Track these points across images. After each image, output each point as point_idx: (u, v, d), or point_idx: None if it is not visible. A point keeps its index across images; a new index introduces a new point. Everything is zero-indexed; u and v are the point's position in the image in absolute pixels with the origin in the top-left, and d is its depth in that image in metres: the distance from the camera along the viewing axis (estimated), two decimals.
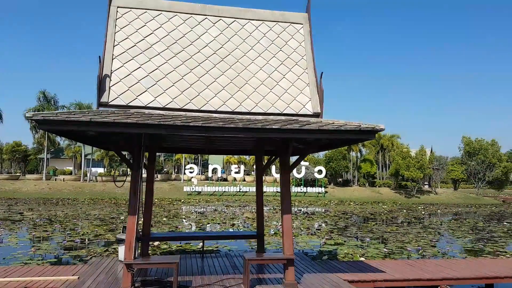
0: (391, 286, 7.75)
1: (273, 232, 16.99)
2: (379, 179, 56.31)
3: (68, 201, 36.04)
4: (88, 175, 49.60)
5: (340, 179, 54.38)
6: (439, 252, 13.49)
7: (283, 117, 6.80)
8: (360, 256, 11.91)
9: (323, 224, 21.03)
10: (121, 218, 21.66)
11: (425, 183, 57.26)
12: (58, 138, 63.14)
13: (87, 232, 16.11)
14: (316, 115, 7.00)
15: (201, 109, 6.77)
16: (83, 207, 29.77)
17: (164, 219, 21.30)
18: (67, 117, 5.48)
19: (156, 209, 28.40)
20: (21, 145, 61.15)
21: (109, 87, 6.68)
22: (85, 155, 54.22)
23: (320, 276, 7.63)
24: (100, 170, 58.26)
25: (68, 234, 15.63)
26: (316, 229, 18.54)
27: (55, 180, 49.10)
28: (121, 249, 8.84)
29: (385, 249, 13.18)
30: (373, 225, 21.28)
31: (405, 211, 32.86)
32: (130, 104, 6.62)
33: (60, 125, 5.49)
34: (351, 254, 12.35)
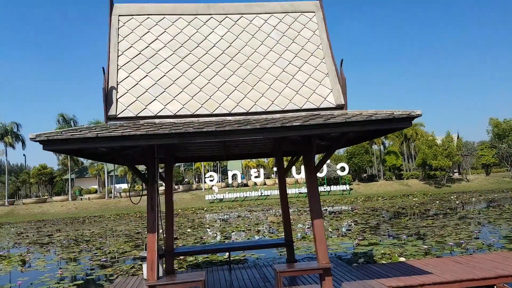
0: None
1: (300, 236, 16.33)
2: (406, 171, 54.55)
3: (95, 218, 36.38)
4: (112, 191, 50.19)
5: (365, 175, 53.00)
6: (483, 244, 12.51)
7: (303, 113, 6.23)
8: (399, 256, 11.11)
9: (353, 224, 20.19)
10: (146, 232, 21.48)
11: (455, 171, 55.14)
12: (81, 158, 64.56)
13: (113, 250, 15.89)
14: (340, 107, 6.40)
15: (214, 113, 6.28)
16: (109, 223, 29.88)
17: (189, 230, 20.96)
18: (72, 134, 5.09)
19: (180, 219, 28.19)
20: (47, 168, 62.65)
21: (116, 99, 6.29)
22: (108, 172, 55.01)
23: (361, 284, 6.97)
24: (124, 185, 59.01)
25: (94, 253, 15.45)
26: (347, 230, 17.75)
27: (81, 199, 49.94)
28: (145, 267, 8.43)
29: (424, 246, 12.31)
30: (407, 220, 20.27)
31: (437, 202, 31.47)
32: (139, 115, 6.20)
33: (66, 144, 5.11)
34: (389, 254, 11.56)
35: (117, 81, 6.44)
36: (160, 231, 6.68)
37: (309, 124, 5.28)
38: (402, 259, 10.43)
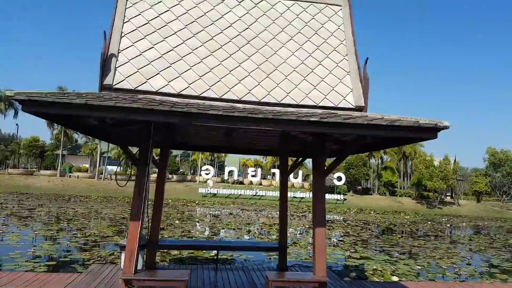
0: None
1: (291, 242, 15.76)
2: (400, 188, 54.22)
3: (81, 198, 35.60)
4: (103, 173, 49.32)
5: (360, 187, 52.58)
6: (475, 271, 12.05)
7: (319, 110, 5.64)
8: (391, 274, 10.59)
9: (338, 236, 19.67)
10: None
11: (447, 194, 54.89)
12: (75, 135, 63.55)
13: (94, 233, 15.24)
14: (359, 108, 5.82)
15: (222, 97, 5.68)
16: (95, 205, 29.16)
17: (177, 221, 20.32)
18: (58, 98, 4.46)
19: (170, 210, 27.54)
20: (39, 141, 61.55)
21: (115, 67, 5.66)
22: (102, 153, 54.12)
23: None
24: (115, 168, 58.08)
25: (74, 234, 14.79)
26: (338, 240, 17.22)
27: (69, 176, 49.02)
28: (123, 257, 7.81)
29: (417, 266, 11.79)
30: (399, 238, 19.79)
31: (429, 222, 31.06)
32: (138, 88, 5.58)
33: (50, 108, 4.46)
34: (381, 271, 11.04)
35: (119, 49, 5.82)
36: (146, 219, 6.07)
37: (328, 122, 4.69)
38: (395, 278, 9.91)
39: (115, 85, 5.58)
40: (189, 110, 4.57)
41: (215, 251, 8.72)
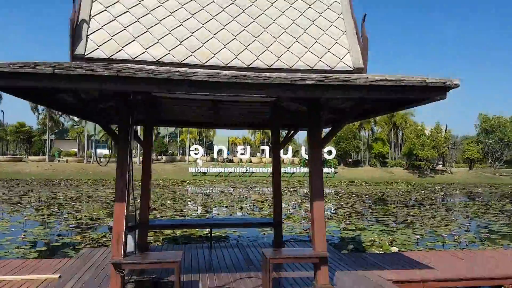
0: (444, 286, 6.29)
1: (284, 217, 15.58)
2: (391, 159, 54.56)
3: (71, 182, 35.02)
4: (92, 156, 48.56)
5: (350, 160, 52.76)
6: (475, 237, 12.02)
7: (313, 74, 5.17)
8: (389, 245, 10.46)
9: (332, 208, 19.60)
10: None
11: (439, 162, 55.46)
12: (61, 119, 62.19)
13: (85, 216, 14.85)
14: (358, 71, 5.37)
15: (206, 63, 5.17)
16: (85, 188, 28.68)
17: (169, 202, 20.00)
18: (21, 67, 3.94)
19: (160, 190, 27.21)
20: (25, 126, 60.13)
21: (87, 35, 5.09)
22: (90, 136, 53.14)
23: (356, 275, 6.17)
24: (105, 151, 57.29)
25: (64, 218, 14.40)
26: (332, 213, 17.11)
27: (58, 161, 48.20)
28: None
29: (416, 236, 11.69)
30: (393, 207, 19.81)
31: (422, 191, 31.32)
32: (113, 57, 5.03)
33: (13, 80, 3.95)
34: (379, 242, 10.91)
35: (90, 14, 5.22)
36: (132, 200, 5.66)
37: (325, 85, 4.25)
38: (394, 248, 9.77)
39: (87, 54, 5.02)
40: (170, 77, 4.09)
41: (209, 229, 8.40)
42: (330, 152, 45.36)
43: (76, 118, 54.27)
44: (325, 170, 45.02)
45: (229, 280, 5.80)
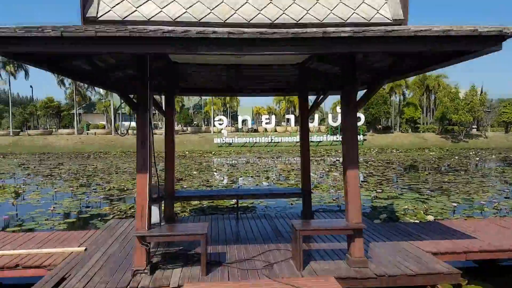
0: (488, 258, 5.83)
1: (312, 186, 15.23)
2: (423, 124, 52.53)
3: (100, 154, 35.95)
4: (120, 128, 49.51)
5: (380, 126, 51.19)
6: None
7: (347, 28, 4.60)
8: (424, 213, 9.97)
9: (361, 176, 19.04)
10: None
11: (473, 126, 52.94)
12: (88, 93, 63.38)
13: (114, 187, 15.09)
14: (397, 22, 4.73)
15: (227, 21, 4.69)
16: (114, 160, 29.35)
17: (195, 172, 20.06)
18: (28, 31, 3.62)
19: (187, 161, 27.42)
20: (54, 101, 61.77)
21: None
22: (116, 109, 54.02)
23: (392, 246, 5.80)
24: (133, 123, 58.26)
25: (93, 189, 14.67)
26: (362, 181, 16.60)
27: (87, 134, 49.48)
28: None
29: (453, 203, 11.09)
30: (426, 174, 19.05)
31: (456, 157, 30.07)
32: (127, 18, 4.65)
33: (18, 44, 3.66)
34: (413, 210, 10.43)
35: None
36: (155, 171, 5.43)
37: (363, 37, 3.71)
38: (430, 217, 9.28)
39: (100, 17, 4.66)
40: (187, 35, 3.66)
41: (235, 200, 8.19)
42: (358, 119, 43.93)
43: (102, 91, 55.21)
44: None
45: (257, 251, 5.57)
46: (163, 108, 7.49)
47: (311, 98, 8.64)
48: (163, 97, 7.70)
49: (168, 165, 7.40)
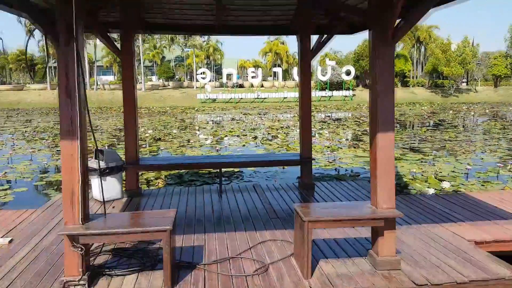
0: None
1: None
2: (412, 78, 51.08)
3: None
4: (95, 83, 46.46)
5: (369, 80, 49.44)
6: None
7: None
8: (435, 177, 8.68)
9: (351, 135, 17.66)
10: None
11: (463, 80, 51.85)
12: None
13: None
14: None
15: None
16: None
17: (175, 131, 18.25)
18: None
19: (167, 118, 25.49)
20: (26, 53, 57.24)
21: None
22: (91, 62, 50.50)
23: (421, 232, 4.40)
24: (110, 77, 54.89)
25: (58, 151, 12.87)
26: (357, 140, 15.21)
27: None
28: (95, 184, 5.76)
29: (467, 166, 9.78)
30: (425, 131, 17.80)
31: (450, 112, 29.00)
32: None
33: None
34: (421, 174, 9.14)
35: None
36: (92, 132, 3.73)
37: None
38: (445, 184, 7.95)
39: None
40: None
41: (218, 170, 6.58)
42: (348, 72, 41.99)
43: None
44: (343, 92, 42.38)
45: (246, 243, 4.10)
46: (119, 47, 5.63)
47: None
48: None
49: (128, 126, 5.69)
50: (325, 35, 6.04)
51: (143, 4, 5.47)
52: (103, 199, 3.67)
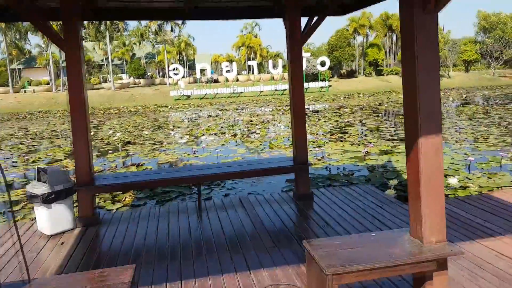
0: None
1: (287, 141, 12.79)
2: (386, 66, 51.16)
3: (39, 114, 31.31)
4: (61, 84, 43.83)
5: (344, 70, 49.15)
6: None
7: None
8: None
9: (336, 127, 16.86)
10: (98, 135, 17.25)
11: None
12: (27, 46, 55.55)
13: (40, 158, 11.83)
14: None
15: None
16: (53, 120, 25.28)
17: (146, 132, 16.82)
18: None
19: (138, 118, 23.92)
20: None
21: None
22: (55, 62, 47.67)
23: (463, 256, 3.46)
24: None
25: (13, 163, 11.35)
26: (342, 133, 14.35)
27: (24, 92, 43.50)
28: (39, 214, 4.53)
29: (470, 158, 9.01)
30: None
31: None
32: None
33: None
34: None
35: None
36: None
37: None
38: (453, 180, 7.11)
39: None
40: None
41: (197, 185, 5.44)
42: (323, 63, 41.28)
43: (42, 43, 48.05)
44: (318, 84, 41.72)
45: None
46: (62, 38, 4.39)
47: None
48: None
49: (77, 136, 4.48)
50: (316, 17, 5.02)
51: None
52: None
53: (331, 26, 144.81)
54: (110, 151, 12.43)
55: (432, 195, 2.53)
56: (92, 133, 16.96)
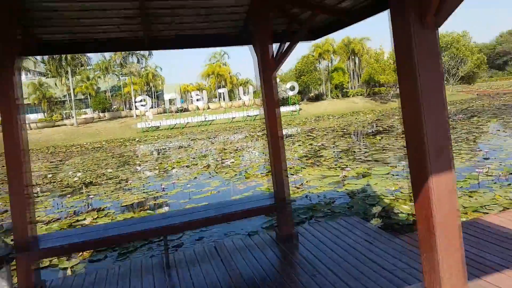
0: None
1: (263, 169, 12.30)
2: (351, 88, 52.62)
3: None
4: (22, 122, 41.55)
5: (312, 94, 50.03)
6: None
7: None
8: None
9: (311, 150, 16.63)
10: (57, 176, 16.03)
11: (397, 86, 54.45)
12: None
13: None
14: None
15: None
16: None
17: (110, 170, 15.77)
18: None
19: (103, 155, 22.71)
20: None
21: None
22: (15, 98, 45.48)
23: None
24: (39, 115, 49.81)
25: None
26: (318, 157, 14.04)
27: None
28: None
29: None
30: (380, 139, 17.21)
31: (396, 117, 29.40)
32: None
33: None
34: (400, 191, 8.03)
35: None
36: None
37: None
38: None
39: None
40: None
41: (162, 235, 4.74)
42: (292, 88, 41.90)
43: None
44: (289, 108, 42.03)
45: None
46: None
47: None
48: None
49: (14, 188, 3.75)
50: (287, 43, 4.65)
51: (28, 15, 3.67)
52: None
53: (296, 52, 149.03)
54: (68, 195, 11.36)
55: (449, 244, 2.06)
56: (50, 175, 15.74)
